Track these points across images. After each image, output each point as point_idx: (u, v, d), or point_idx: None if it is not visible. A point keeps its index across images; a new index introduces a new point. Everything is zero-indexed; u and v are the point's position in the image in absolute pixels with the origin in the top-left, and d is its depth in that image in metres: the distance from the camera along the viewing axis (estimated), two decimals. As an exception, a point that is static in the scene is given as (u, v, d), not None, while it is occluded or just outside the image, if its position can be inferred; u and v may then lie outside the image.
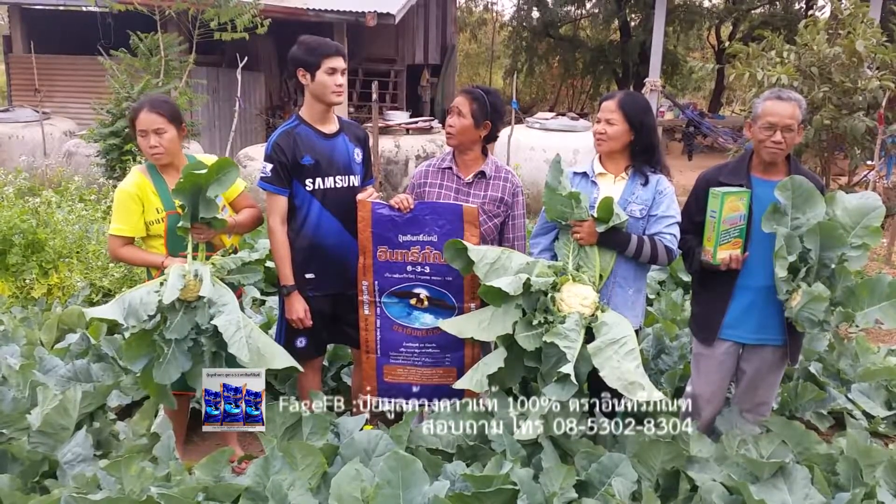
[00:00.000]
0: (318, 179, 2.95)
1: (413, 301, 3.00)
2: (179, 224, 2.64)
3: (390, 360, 3.06)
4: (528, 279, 2.56)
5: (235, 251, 2.94)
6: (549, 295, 2.59)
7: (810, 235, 2.61)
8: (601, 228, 2.67)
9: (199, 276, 2.59)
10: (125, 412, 3.45)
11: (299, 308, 2.98)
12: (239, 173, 2.73)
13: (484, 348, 3.06)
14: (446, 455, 2.72)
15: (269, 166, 2.90)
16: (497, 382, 2.69)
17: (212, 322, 2.53)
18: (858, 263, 2.63)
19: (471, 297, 2.95)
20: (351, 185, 3.03)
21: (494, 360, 2.61)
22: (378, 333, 3.04)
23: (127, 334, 2.70)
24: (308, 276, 3.02)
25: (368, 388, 3.09)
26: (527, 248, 3.10)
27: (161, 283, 2.56)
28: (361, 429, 2.78)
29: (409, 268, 2.95)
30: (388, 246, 2.94)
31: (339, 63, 2.89)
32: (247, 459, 2.93)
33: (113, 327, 4.00)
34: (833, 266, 2.62)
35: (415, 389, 3.08)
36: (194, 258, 2.70)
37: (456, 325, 2.76)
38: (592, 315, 2.57)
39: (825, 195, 2.70)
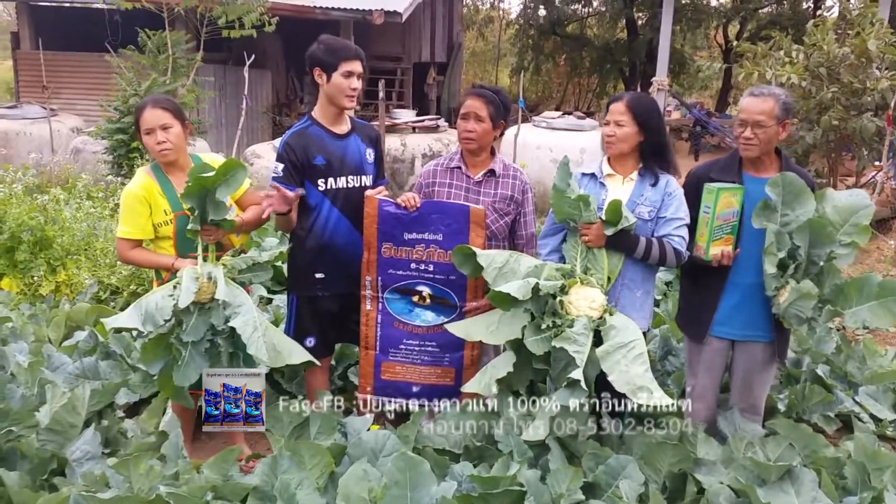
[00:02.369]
0: (331, 179, 2.96)
1: (415, 298, 3.01)
2: (189, 227, 2.64)
3: (389, 357, 3.07)
4: (537, 283, 2.56)
5: (244, 251, 2.95)
6: (558, 298, 2.58)
7: (800, 232, 2.61)
8: (610, 231, 2.67)
9: (212, 277, 2.59)
10: (133, 410, 3.46)
11: None
12: (247, 174, 2.73)
13: (483, 350, 3.07)
14: (453, 456, 2.73)
15: (281, 166, 2.90)
16: (505, 385, 2.69)
17: (228, 324, 2.54)
18: (846, 261, 2.63)
19: (473, 296, 2.96)
20: (363, 185, 3.03)
21: (503, 364, 2.62)
22: (378, 329, 3.05)
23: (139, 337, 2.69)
24: (318, 275, 3.03)
25: (368, 389, 3.10)
26: (536, 245, 3.10)
27: (174, 287, 2.56)
28: (368, 429, 2.79)
29: (413, 265, 2.96)
30: (392, 243, 2.95)
31: (357, 67, 2.89)
32: (254, 458, 2.93)
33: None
34: (821, 263, 2.62)
35: (414, 389, 3.09)
36: (205, 259, 2.70)
37: (464, 329, 2.76)
38: (600, 318, 2.56)
39: (815, 193, 2.70)
